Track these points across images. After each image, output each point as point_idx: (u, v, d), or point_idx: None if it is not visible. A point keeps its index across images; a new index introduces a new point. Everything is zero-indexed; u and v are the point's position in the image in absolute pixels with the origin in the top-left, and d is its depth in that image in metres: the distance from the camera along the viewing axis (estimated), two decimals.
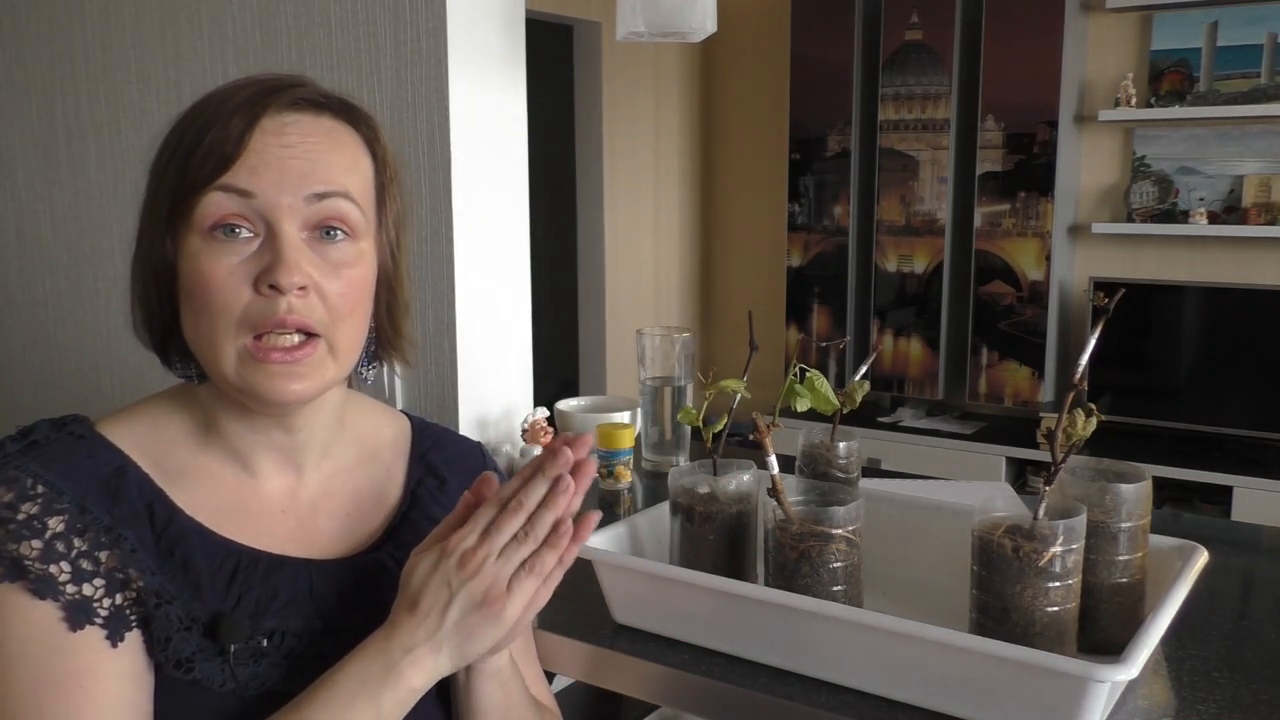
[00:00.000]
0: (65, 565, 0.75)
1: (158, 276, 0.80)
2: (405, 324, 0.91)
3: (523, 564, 0.77)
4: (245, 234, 0.77)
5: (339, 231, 0.80)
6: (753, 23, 4.45)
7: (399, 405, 1.53)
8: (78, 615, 0.75)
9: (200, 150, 0.77)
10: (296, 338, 0.78)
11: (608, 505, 1.56)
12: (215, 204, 0.76)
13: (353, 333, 0.83)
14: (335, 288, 0.79)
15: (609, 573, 1.11)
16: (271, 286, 0.76)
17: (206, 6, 1.74)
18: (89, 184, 2.00)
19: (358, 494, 0.91)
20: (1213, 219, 3.54)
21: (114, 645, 0.75)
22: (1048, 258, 3.65)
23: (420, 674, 0.76)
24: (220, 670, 0.78)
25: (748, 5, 4.41)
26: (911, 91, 3.84)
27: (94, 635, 0.75)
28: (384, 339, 0.90)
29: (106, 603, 0.76)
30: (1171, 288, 3.60)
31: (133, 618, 0.77)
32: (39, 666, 0.73)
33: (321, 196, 0.79)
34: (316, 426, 0.87)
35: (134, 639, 0.77)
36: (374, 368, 0.92)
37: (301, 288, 0.77)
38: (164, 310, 0.82)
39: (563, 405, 1.81)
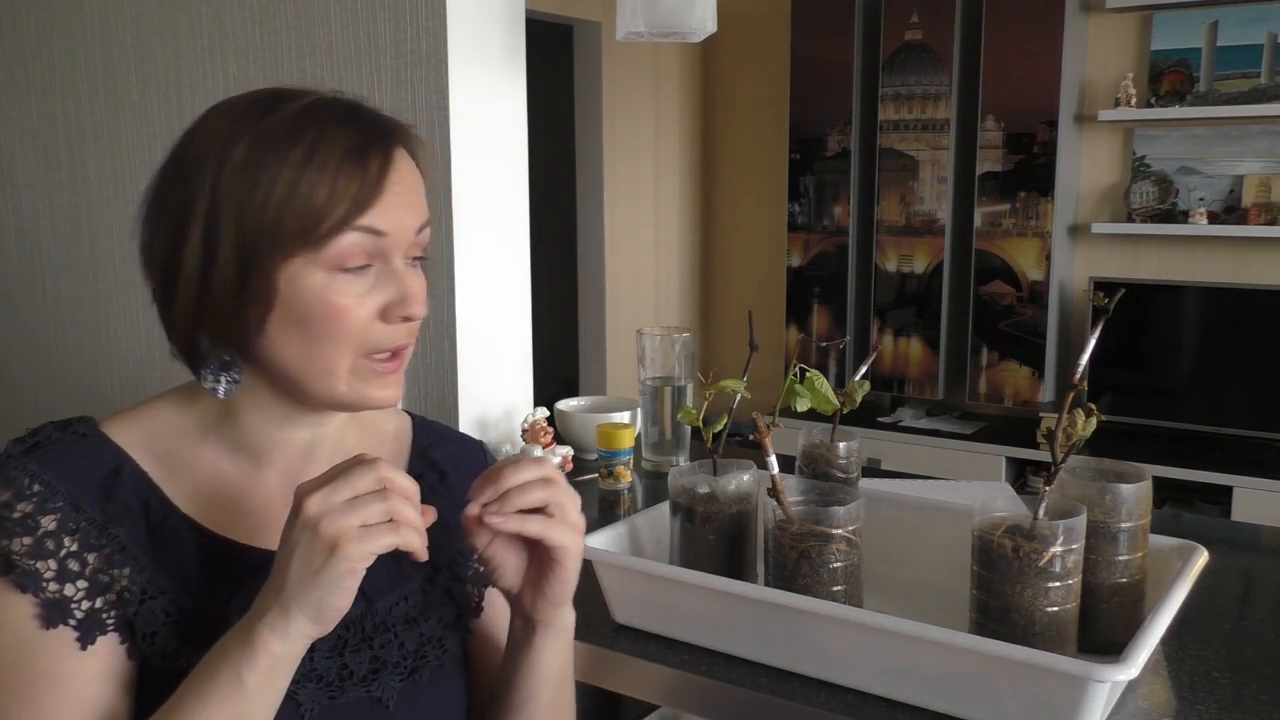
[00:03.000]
0: (52, 563, 0.77)
1: (249, 301, 0.79)
2: None
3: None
4: (370, 267, 0.81)
5: (422, 257, 0.85)
6: (753, 23, 4.45)
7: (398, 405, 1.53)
8: (53, 614, 0.76)
9: (337, 191, 0.77)
10: None
11: (608, 505, 1.56)
12: (353, 243, 0.79)
13: None
14: (426, 309, 0.85)
15: (609, 573, 1.11)
16: (405, 318, 0.81)
17: (206, 6, 1.74)
18: (89, 184, 2.00)
19: None
20: (1213, 219, 3.54)
21: (84, 648, 0.77)
22: (1048, 258, 3.65)
23: (276, 638, 0.73)
24: None
25: (748, 5, 4.41)
26: (911, 91, 3.84)
27: (65, 636, 0.77)
28: None
29: (85, 605, 0.77)
30: (1171, 288, 3.59)
31: (109, 622, 0.78)
32: (6, 669, 0.76)
33: (421, 229, 0.84)
34: (340, 419, 0.90)
35: (107, 643, 0.78)
36: None
37: None
38: (242, 331, 0.80)
39: (563, 405, 1.81)
